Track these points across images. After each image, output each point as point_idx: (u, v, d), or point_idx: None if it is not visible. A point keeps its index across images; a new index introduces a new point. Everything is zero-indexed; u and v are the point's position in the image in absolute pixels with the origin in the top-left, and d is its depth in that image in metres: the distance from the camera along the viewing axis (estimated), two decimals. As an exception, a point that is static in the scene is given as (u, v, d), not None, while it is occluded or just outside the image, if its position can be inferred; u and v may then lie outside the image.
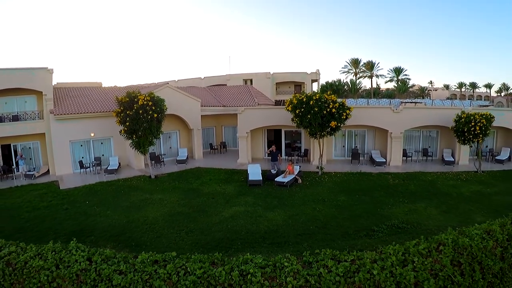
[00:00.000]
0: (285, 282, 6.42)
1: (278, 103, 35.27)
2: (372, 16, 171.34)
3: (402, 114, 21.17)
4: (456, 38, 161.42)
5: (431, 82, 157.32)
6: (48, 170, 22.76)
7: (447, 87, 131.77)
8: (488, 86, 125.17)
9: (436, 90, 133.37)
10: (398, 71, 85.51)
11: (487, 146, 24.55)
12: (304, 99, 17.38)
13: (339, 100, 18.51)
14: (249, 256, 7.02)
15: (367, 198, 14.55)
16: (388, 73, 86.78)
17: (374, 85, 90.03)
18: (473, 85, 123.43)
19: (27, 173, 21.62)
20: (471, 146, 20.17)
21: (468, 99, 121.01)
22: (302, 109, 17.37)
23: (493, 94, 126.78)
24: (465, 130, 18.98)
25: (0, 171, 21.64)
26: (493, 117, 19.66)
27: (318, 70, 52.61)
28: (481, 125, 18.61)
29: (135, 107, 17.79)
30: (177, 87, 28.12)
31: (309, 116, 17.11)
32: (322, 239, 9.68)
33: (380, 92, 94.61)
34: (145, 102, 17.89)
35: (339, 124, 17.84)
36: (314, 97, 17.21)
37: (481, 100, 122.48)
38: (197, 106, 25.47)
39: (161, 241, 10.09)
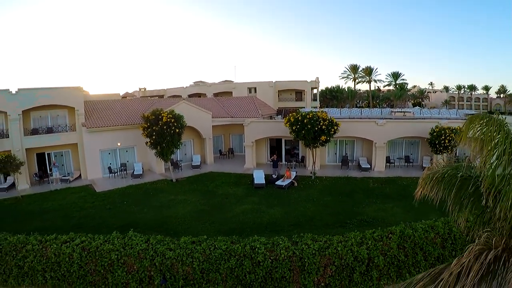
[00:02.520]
0: (279, 253, 10.21)
1: (280, 112, 38.80)
2: (373, 20, 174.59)
3: (385, 127, 24.73)
4: (458, 40, 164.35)
5: (431, 84, 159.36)
6: (80, 175, 26.46)
7: (446, 89, 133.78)
8: (486, 88, 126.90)
9: (435, 92, 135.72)
10: (395, 75, 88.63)
11: (464, 153, 27.92)
12: (299, 118, 21.05)
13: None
14: (256, 238, 10.87)
15: (348, 199, 18.19)
16: (386, 78, 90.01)
17: (375, 88, 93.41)
18: (471, 87, 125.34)
19: (62, 178, 25.26)
20: (450, 153, 23.57)
21: (467, 101, 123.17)
22: (298, 126, 21.03)
23: (494, 95, 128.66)
24: (437, 142, 22.50)
25: (37, 176, 25.30)
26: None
27: (317, 78, 56.02)
28: (450, 138, 22.10)
29: (160, 124, 21.50)
30: (188, 98, 31.77)
31: (303, 131, 20.79)
32: (308, 228, 13.23)
33: (382, 93, 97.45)
34: (168, 119, 21.59)
35: (328, 138, 21.52)
36: (307, 116, 20.85)
37: (479, 101, 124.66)
38: (209, 118, 29.18)
39: (191, 230, 13.73)
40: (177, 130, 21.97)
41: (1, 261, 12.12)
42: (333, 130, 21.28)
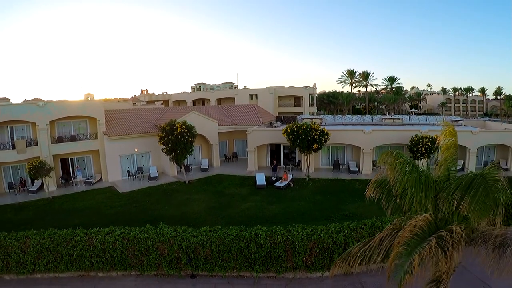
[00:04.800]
0: (276, 238, 13.58)
1: (279, 118, 42.10)
2: (373, 24, 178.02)
3: (371, 135, 28.15)
4: (458, 42, 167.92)
5: (429, 85, 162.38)
6: (101, 178, 29.78)
7: (444, 90, 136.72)
8: (482, 90, 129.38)
9: (432, 94, 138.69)
10: (391, 80, 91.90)
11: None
12: (295, 129, 24.51)
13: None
14: (259, 227, 14.21)
15: (335, 197, 21.64)
16: (383, 82, 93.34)
17: (373, 90, 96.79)
18: (467, 90, 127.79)
19: (86, 180, 28.59)
20: (428, 159, 26.89)
21: (463, 103, 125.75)
22: (294, 135, 24.50)
23: (492, 97, 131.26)
24: (415, 149, 25.84)
25: (63, 179, 28.54)
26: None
27: (314, 84, 59.46)
28: (426, 146, 25.38)
29: (175, 133, 24.91)
30: (192, 106, 34.89)
31: (298, 140, 24.27)
32: (300, 221, 16.50)
33: (381, 94, 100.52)
34: (182, 130, 25.01)
35: (320, 146, 24.99)
36: (302, 127, 24.32)
37: (475, 103, 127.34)
38: (215, 126, 32.62)
39: (207, 223, 17.06)
40: (190, 139, 25.40)
41: (53, 251, 14.70)
42: (324, 139, 24.77)
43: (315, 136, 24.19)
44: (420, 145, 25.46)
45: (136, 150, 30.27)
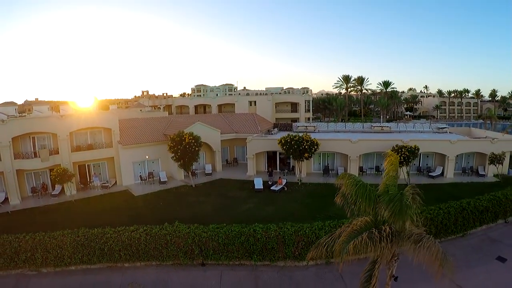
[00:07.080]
0: (270, 233, 17.20)
1: (276, 125, 45.56)
2: (373, 26, 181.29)
3: (357, 144, 31.65)
4: (457, 43, 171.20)
5: (426, 87, 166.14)
6: (116, 182, 33.03)
7: (440, 92, 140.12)
8: (477, 93, 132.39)
9: (428, 96, 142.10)
10: (386, 84, 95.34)
11: (427, 164, 34.52)
12: (289, 140, 28.04)
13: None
14: (257, 225, 17.82)
15: (322, 200, 25.07)
16: (377, 87, 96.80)
17: (370, 93, 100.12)
18: (461, 93, 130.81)
19: (103, 184, 31.79)
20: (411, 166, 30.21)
21: (458, 106, 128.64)
22: (288, 145, 28.03)
23: (488, 99, 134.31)
24: (394, 157, 29.27)
25: (82, 184, 31.61)
26: (418, 149, 29.78)
27: (311, 90, 63.06)
28: (405, 155, 28.65)
29: (184, 143, 28.40)
30: (195, 115, 38.24)
31: (291, 150, 27.80)
32: (291, 220, 19.84)
33: (377, 95, 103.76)
34: (189, 140, 28.49)
35: (310, 155, 28.51)
36: (294, 138, 27.85)
37: (470, 106, 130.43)
38: (218, 134, 36.11)
39: (214, 221, 20.30)
40: (196, 148, 28.91)
41: (87, 247, 17.23)
42: (314, 148, 28.33)
43: (306, 146, 27.72)
44: (399, 154, 28.76)
45: (147, 157, 33.63)
